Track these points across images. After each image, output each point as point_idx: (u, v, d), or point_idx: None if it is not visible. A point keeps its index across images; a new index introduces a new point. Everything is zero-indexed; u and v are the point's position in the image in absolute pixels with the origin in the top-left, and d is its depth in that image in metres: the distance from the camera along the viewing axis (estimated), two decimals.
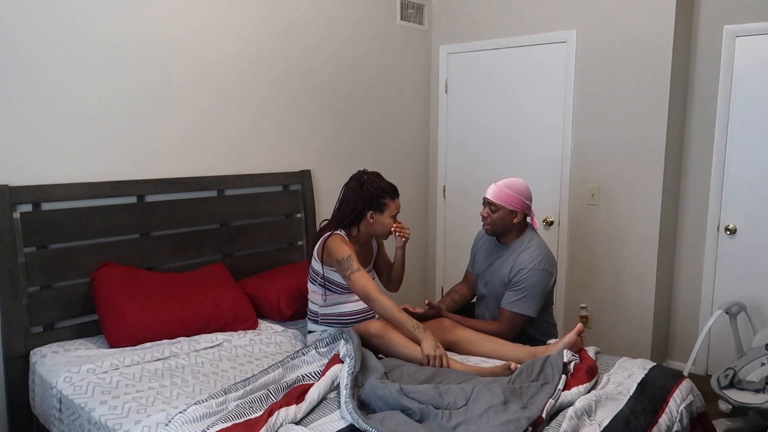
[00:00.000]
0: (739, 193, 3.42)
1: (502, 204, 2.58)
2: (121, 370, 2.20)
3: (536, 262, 2.55)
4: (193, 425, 1.77)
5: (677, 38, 3.31)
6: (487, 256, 2.77)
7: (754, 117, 3.32)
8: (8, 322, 2.35)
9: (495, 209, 2.60)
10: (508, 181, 2.63)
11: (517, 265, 2.58)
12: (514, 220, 2.61)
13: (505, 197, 2.58)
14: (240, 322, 2.67)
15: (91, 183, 2.56)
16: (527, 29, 3.81)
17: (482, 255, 2.81)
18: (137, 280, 2.55)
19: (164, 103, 2.82)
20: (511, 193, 2.58)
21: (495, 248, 2.75)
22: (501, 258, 2.68)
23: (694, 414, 2.11)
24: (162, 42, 2.78)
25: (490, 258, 2.75)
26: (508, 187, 2.59)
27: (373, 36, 3.83)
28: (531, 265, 2.55)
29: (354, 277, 2.36)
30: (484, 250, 2.81)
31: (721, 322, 3.30)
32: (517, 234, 2.67)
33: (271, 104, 3.29)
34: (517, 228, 2.66)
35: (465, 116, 4.18)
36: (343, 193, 2.57)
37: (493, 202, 2.59)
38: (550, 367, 2.08)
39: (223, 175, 3.05)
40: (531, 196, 2.65)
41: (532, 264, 2.55)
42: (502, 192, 2.59)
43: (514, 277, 2.57)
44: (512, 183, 2.61)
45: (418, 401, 1.85)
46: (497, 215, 2.60)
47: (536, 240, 2.65)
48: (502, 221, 2.62)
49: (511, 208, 2.58)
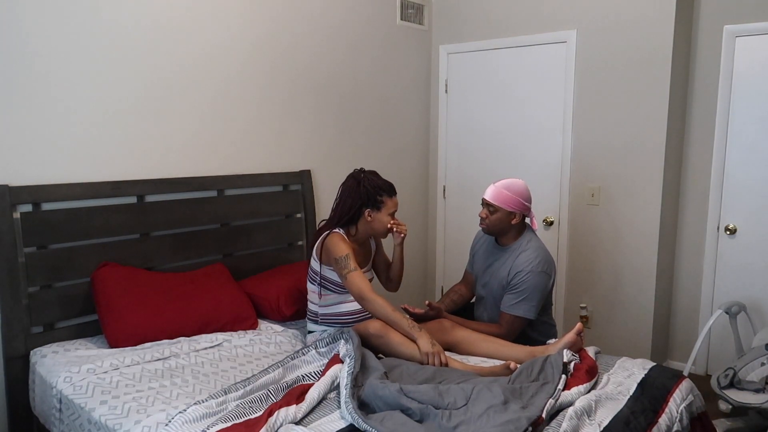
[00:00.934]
0: (739, 193, 3.42)
1: (500, 205, 2.57)
2: (121, 370, 2.20)
3: (534, 265, 2.54)
4: (193, 425, 1.78)
5: (677, 38, 3.31)
6: (486, 257, 2.76)
7: (754, 117, 3.32)
8: (8, 322, 2.35)
9: (493, 210, 2.59)
10: (507, 182, 2.61)
11: (515, 267, 2.57)
12: (512, 221, 2.60)
13: (504, 198, 2.57)
14: (240, 322, 2.67)
15: (91, 183, 2.57)
16: (527, 29, 3.81)
17: (481, 256, 2.80)
18: (137, 280, 2.55)
19: (164, 104, 2.82)
20: (510, 194, 2.57)
21: (493, 250, 2.74)
22: (499, 260, 2.67)
23: (694, 414, 2.11)
24: (162, 42, 2.78)
25: (488, 260, 2.74)
26: (507, 189, 2.58)
27: (373, 36, 3.83)
28: (529, 267, 2.54)
29: (350, 277, 2.36)
30: (483, 251, 2.80)
31: (721, 322, 3.30)
32: (515, 235, 2.66)
33: (271, 104, 3.29)
34: (516, 229, 2.65)
35: (465, 116, 4.18)
36: (340, 191, 2.57)
37: (491, 203, 2.58)
38: (550, 367, 2.08)
39: (224, 175, 3.06)
40: (530, 197, 2.64)
41: (530, 266, 2.54)
42: (501, 193, 2.57)
43: (513, 280, 2.57)
44: (511, 184, 2.60)
45: (418, 401, 1.85)
46: (495, 216, 2.60)
47: (534, 242, 2.63)
48: (500, 222, 2.60)
49: (509, 209, 2.57)
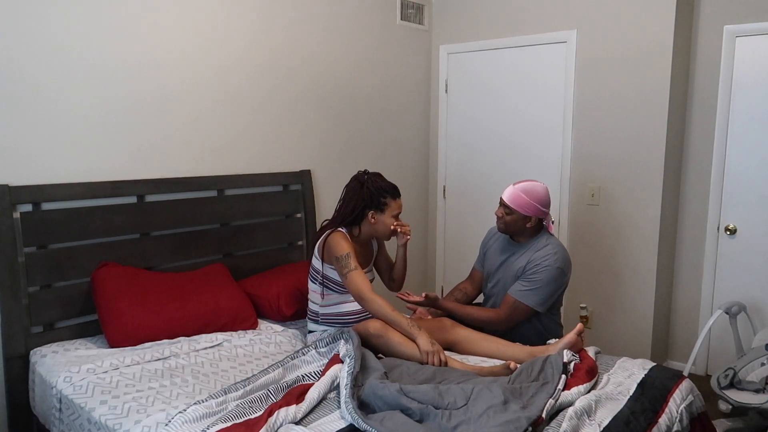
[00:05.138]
0: (739, 193, 3.41)
1: (516, 209, 2.56)
2: (121, 370, 2.20)
3: (553, 260, 2.54)
4: (193, 425, 1.78)
5: (677, 38, 3.31)
6: (500, 253, 2.74)
7: (754, 117, 3.32)
8: (8, 322, 2.35)
9: (509, 212, 2.58)
10: (527, 185, 2.58)
11: (533, 260, 2.56)
12: (527, 224, 2.59)
13: (521, 203, 2.55)
14: (240, 322, 2.67)
15: (91, 183, 2.57)
16: (527, 29, 3.81)
17: (494, 253, 2.78)
18: (137, 280, 2.55)
19: (164, 103, 2.82)
20: (527, 199, 2.54)
21: (508, 246, 2.72)
22: (515, 255, 2.66)
23: (694, 414, 2.11)
24: (161, 42, 2.78)
25: (503, 255, 2.72)
26: (525, 193, 2.55)
27: (373, 36, 3.83)
28: (547, 261, 2.54)
29: (350, 276, 2.36)
30: (496, 248, 2.78)
31: (721, 322, 3.30)
32: (531, 234, 2.65)
33: (271, 104, 3.28)
34: (531, 231, 2.64)
35: (465, 116, 4.18)
36: (344, 192, 2.57)
37: (508, 206, 2.57)
38: (550, 367, 2.08)
39: (224, 175, 3.05)
40: (549, 202, 2.61)
41: (549, 261, 2.54)
42: (519, 197, 2.55)
43: (528, 270, 2.56)
44: (530, 188, 2.56)
45: (417, 401, 1.85)
46: (510, 218, 2.59)
47: (554, 240, 2.64)
48: (515, 224, 2.60)
49: (525, 213, 2.56)
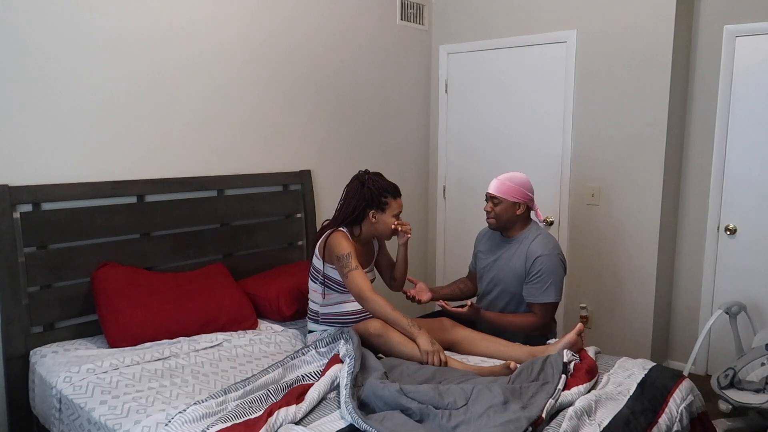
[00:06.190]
0: (739, 193, 3.41)
1: (504, 196, 2.62)
2: (121, 370, 2.20)
3: (549, 248, 2.60)
4: (192, 425, 1.77)
5: (677, 38, 3.31)
6: (492, 252, 2.78)
7: (754, 117, 3.32)
8: (8, 322, 2.35)
9: (497, 202, 2.64)
10: (509, 174, 2.69)
11: (531, 254, 2.60)
12: (517, 212, 2.65)
13: (507, 189, 2.62)
14: (240, 322, 2.67)
15: (91, 183, 2.57)
16: (527, 29, 3.80)
17: (485, 252, 2.82)
18: (137, 280, 2.55)
19: (165, 103, 2.82)
20: (512, 185, 2.63)
21: (500, 242, 2.76)
22: (508, 251, 2.70)
23: (694, 414, 2.11)
24: (161, 42, 2.78)
25: (495, 253, 2.76)
26: (509, 180, 2.65)
27: (373, 36, 3.83)
28: (546, 251, 2.59)
29: (351, 276, 2.36)
30: (487, 248, 2.83)
31: (721, 322, 3.30)
32: (521, 227, 2.70)
33: (271, 104, 3.28)
34: (521, 220, 2.69)
35: (465, 116, 4.18)
36: (345, 192, 2.57)
37: (495, 195, 2.64)
38: (550, 367, 2.08)
39: (223, 175, 3.05)
40: (532, 188, 2.69)
41: (547, 250, 2.59)
42: (504, 185, 2.63)
43: (532, 268, 2.59)
44: (513, 176, 2.67)
45: (417, 401, 1.85)
46: (500, 208, 2.64)
47: (543, 230, 2.70)
48: (506, 213, 2.65)
49: (513, 200, 2.62)
